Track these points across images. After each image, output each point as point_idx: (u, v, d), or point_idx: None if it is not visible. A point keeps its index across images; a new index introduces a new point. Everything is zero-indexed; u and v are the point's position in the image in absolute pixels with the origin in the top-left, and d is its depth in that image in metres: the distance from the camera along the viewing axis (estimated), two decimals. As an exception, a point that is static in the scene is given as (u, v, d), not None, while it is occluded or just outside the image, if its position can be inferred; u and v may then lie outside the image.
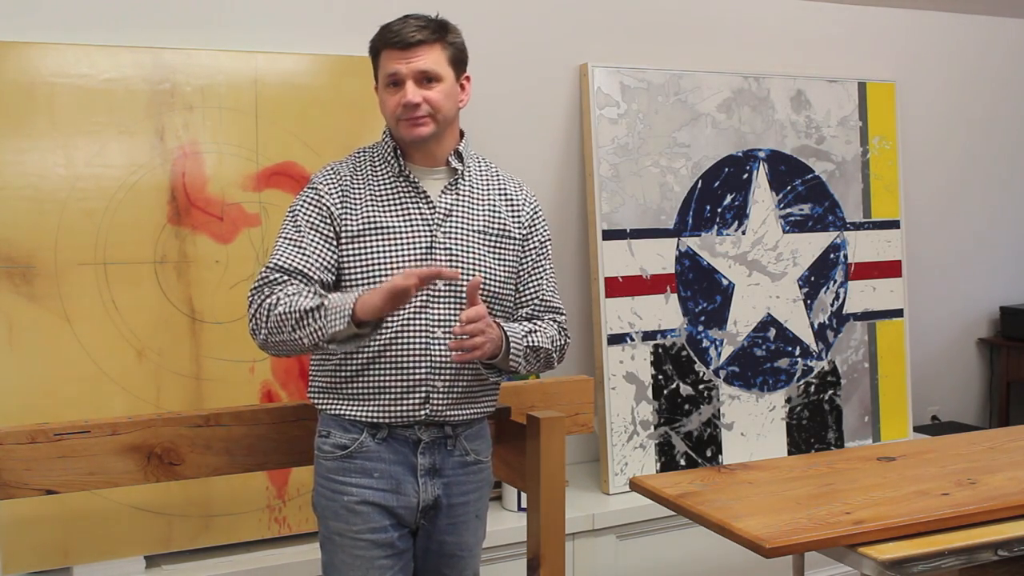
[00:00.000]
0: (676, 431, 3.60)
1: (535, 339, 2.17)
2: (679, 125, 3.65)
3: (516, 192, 2.25)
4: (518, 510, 3.22)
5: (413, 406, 2.10)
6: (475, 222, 2.17)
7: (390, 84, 2.11)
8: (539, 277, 2.27)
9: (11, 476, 2.20)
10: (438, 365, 2.10)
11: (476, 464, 2.21)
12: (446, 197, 2.16)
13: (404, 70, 2.08)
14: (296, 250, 2.10)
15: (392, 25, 2.11)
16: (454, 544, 2.19)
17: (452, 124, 2.17)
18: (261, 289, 2.08)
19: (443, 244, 2.12)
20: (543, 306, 2.27)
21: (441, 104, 2.10)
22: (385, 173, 2.16)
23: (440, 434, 2.14)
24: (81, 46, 2.79)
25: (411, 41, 2.08)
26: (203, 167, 2.91)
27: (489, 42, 3.43)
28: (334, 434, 2.14)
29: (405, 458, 2.12)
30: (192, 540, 2.86)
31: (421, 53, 2.08)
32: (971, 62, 4.47)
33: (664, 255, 3.61)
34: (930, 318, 4.44)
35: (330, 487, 2.14)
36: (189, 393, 2.87)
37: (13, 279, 2.69)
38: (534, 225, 2.26)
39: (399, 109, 2.09)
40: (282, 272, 2.08)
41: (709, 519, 2.25)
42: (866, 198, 4.03)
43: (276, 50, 3.02)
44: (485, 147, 3.39)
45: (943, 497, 2.34)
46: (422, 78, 2.09)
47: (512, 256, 2.21)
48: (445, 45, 2.12)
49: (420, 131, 2.10)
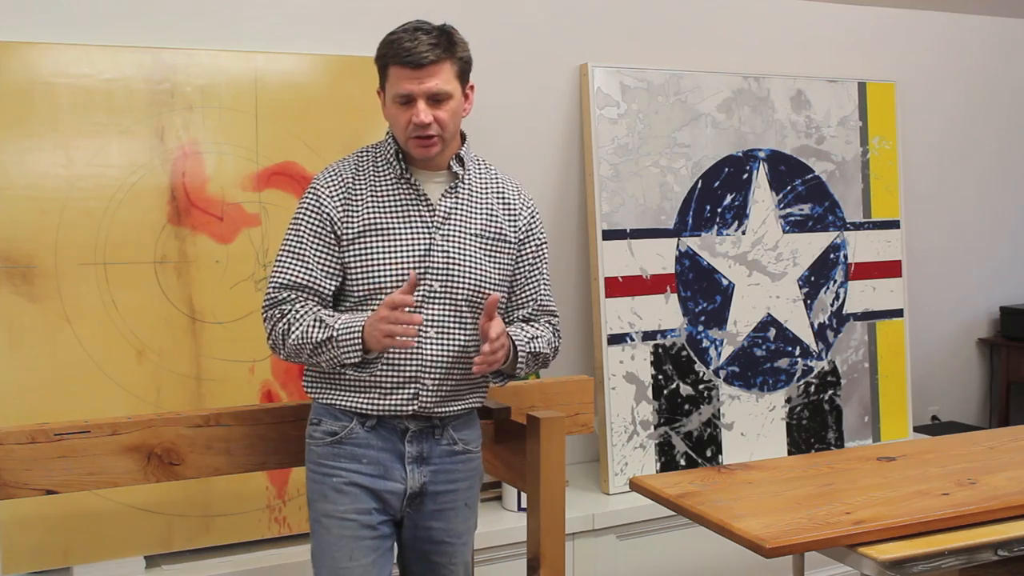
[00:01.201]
0: (676, 431, 3.60)
1: (536, 345, 2.23)
2: (679, 125, 3.65)
3: (514, 197, 2.28)
4: (518, 510, 3.22)
5: (403, 401, 2.14)
6: (473, 226, 2.20)
7: (400, 102, 2.12)
8: (536, 281, 2.30)
9: (11, 476, 2.20)
10: (429, 363, 2.14)
11: (465, 453, 2.24)
12: (446, 201, 2.19)
13: (416, 90, 2.09)
14: (299, 263, 2.15)
15: (403, 41, 2.09)
16: (442, 531, 2.22)
17: (455, 136, 2.20)
18: (272, 311, 2.16)
19: (440, 247, 2.15)
20: (539, 309, 2.32)
21: (449, 122, 2.13)
22: (387, 174, 2.19)
23: (428, 424, 2.19)
24: (81, 46, 2.79)
25: (424, 62, 2.07)
26: (203, 167, 2.91)
27: (489, 42, 3.43)
28: (325, 422, 2.19)
29: (393, 445, 2.17)
30: (192, 540, 2.87)
31: (433, 73, 2.09)
32: (971, 62, 4.47)
33: (664, 255, 3.61)
34: (930, 318, 4.44)
35: (319, 471, 2.19)
36: (189, 393, 2.87)
37: (13, 279, 2.69)
38: (531, 229, 2.29)
39: (410, 127, 2.11)
40: (289, 289, 2.15)
41: (709, 519, 2.25)
42: (866, 198, 4.03)
43: (276, 50, 3.02)
44: (485, 147, 3.39)
45: (943, 497, 2.33)
46: (433, 99, 2.10)
47: (507, 259, 2.24)
48: (454, 61, 2.13)
49: (430, 151, 2.14)
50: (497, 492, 3.32)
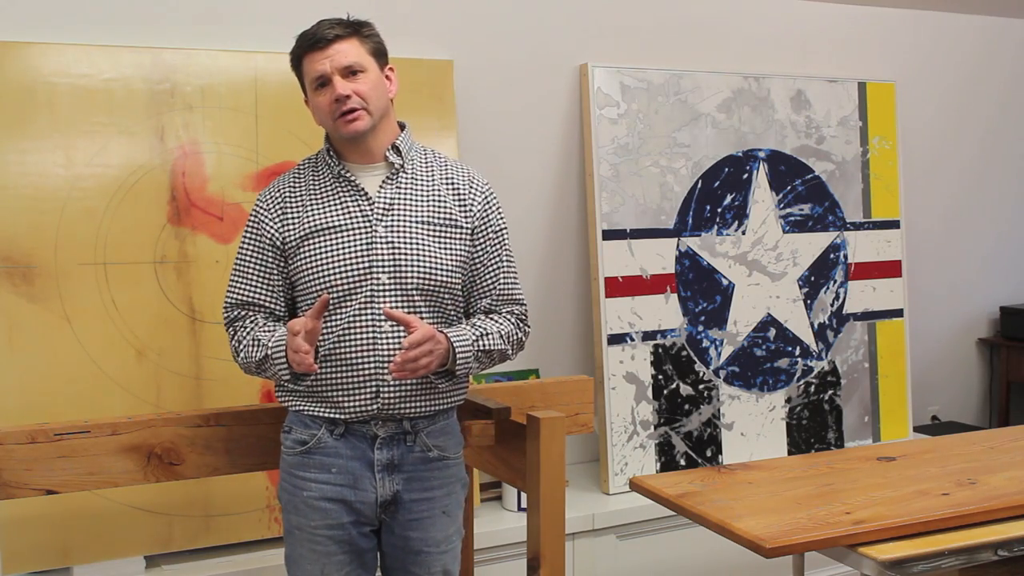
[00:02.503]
0: (676, 431, 3.60)
1: (486, 342, 2.18)
2: (679, 125, 3.65)
3: (465, 182, 2.24)
4: (518, 510, 3.22)
5: (365, 400, 2.12)
6: (418, 214, 2.17)
7: (318, 86, 2.15)
8: (495, 268, 2.26)
9: (11, 476, 2.20)
10: (386, 358, 2.11)
11: (441, 460, 2.21)
12: (385, 191, 2.17)
13: (328, 67, 2.12)
14: (244, 282, 2.21)
15: (306, 31, 2.17)
16: (418, 540, 2.19)
17: (387, 117, 2.19)
18: (227, 328, 2.24)
19: (384, 238, 2.13)
20: (501, 298, 2.26)
21: (369, 94, 2.13)
22: (324, 176, 2.20)
23: (398, 430, 2.16)
24: (81, 46, 2.79)
25: (328, 38, 2.13)
26: (203, 167, 2.91)
27: (489, 42, 3.43)
28: (295, 430, 2.19)
29: (363, 453, 2.15)
30: (192, 540, 2.87)
31: (339, 47, 2.13)
32: (971, 62, 4.47)
33: (664, 255, 3.61)
34: (930, 318, 4.44)
35: (291, 482, 2.18)
36: (189, 393, 2.87)
37: (13, 279, 2.69)
38: (487, 216, 2.24)
39: (332, 106, 2.12)
40: (238, 308, 2.22)
41: (709, 519, 2.25)
42: (866, 198, 4.03)
43: (276, 50, 3.02)
44: (485, 147, 3.40)
45: (943, 497, 2.34)
46: (347, 72, 2.13)
47: (460, 246, 2.20)
48: (362, 39, 2.16)
49: (357, 125, 2.13)
50: (497, 492, 3.32)
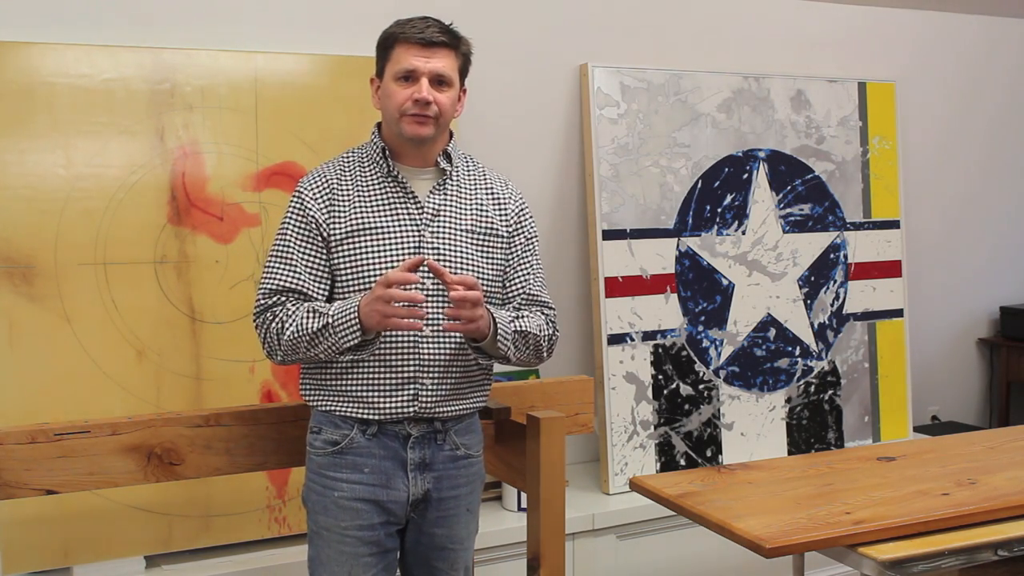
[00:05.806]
0: (676, 431, 3.60)
1: (522, 324, 2.17)
2: (679, 125, 3.65)
3: (502, 190, 2.27)
4: (518, 510, 3.22)
5: (402, 402, 2.12)
6: (463, 221, 2.18)
7: (402, 79, 2.12)
8: (526, 272, 2.27)
9: (11, 476, 2.20)
10: (427, 362, 2.12)
11: (467, 458, 2.22)
12: (434, 197, 2.17)
13: (423, 67, 2.10)
14: (287, 269, 2.14)
15: (413, 21, 2.13)
16: (444, 537, 2.21)
17: (446, 129, 2.21)
18: (263, 315, 2.14)
19: (431, 244, 2.14)
20: (530, 300, 2.27)
21: (447, 109, 2.14)
22: (374, 174, 2.18)
23: (430, 429, 2.16)
24: (81, 46, 2.79)
25: (434, 41, 2.11)
26: (203, 167, 2.91)
27: (489, 42, 3.42)
28: (325, 430, 2.16)
29: (395, 453, 2.14)
30: (192, 540, 2.87)
31: (440, 55, 2.12)
32: (971, 62, 4.47)
33: (664, 255, 3.61)
34: (930, 318, 4.44)
35: (321, 482, 2.16)
36: (189, 393, 2.87)
37: (13, 279, 2.69)
38: (521, 222, 2.27)
39: (408, 103, 2.10)
40: (279, 294, 2.13)
41: (709, 519, 2.25)
42: (866, 198, 4.03)
43: (276, 50, 3.02)
44: (486, 147, 3.40)
45: (943, 497, 2.34)
46: (436, 79, 2.12)
47: (499, 254, 2.23)
48: (459, 54, 2.16)
49: (423, 130, 2.12)
50: (497, 492, 3.32)
